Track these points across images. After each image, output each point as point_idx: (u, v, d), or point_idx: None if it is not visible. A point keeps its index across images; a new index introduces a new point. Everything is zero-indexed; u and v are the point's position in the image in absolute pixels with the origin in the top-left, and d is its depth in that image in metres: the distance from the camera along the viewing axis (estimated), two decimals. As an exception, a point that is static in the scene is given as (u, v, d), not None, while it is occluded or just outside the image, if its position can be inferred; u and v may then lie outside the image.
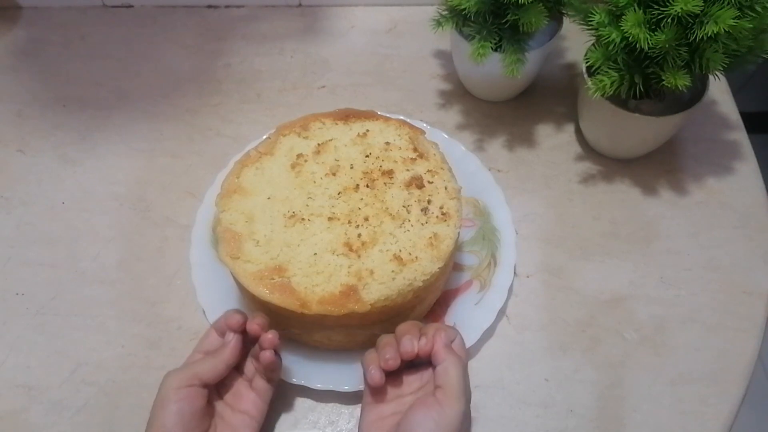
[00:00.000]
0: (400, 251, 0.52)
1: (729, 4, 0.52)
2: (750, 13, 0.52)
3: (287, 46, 0.81)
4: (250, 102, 0.76)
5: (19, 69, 0.80)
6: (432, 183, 0.56)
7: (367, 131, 0.59)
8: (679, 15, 0.52)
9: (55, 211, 0.68)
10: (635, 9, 0.55)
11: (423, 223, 0.53)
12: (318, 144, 0.58)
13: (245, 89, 0.77)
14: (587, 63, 0.61)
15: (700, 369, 0.58)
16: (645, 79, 0.58)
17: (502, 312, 0.60)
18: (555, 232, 0.66)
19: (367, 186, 0.55)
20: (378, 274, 0.51)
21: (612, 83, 0.58)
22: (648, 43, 0.54)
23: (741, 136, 0.72)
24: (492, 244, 0.62)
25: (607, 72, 0.58)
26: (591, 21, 0.58)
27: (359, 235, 0.53)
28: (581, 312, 0.61)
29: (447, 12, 0.65)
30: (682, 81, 0.55)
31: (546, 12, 0.60)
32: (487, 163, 0.68)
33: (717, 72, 0.56)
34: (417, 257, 0.52)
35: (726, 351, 0.58)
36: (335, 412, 0.56)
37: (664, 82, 0.56)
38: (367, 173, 0.56)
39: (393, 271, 0.51)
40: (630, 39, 0.54)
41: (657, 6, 0.53)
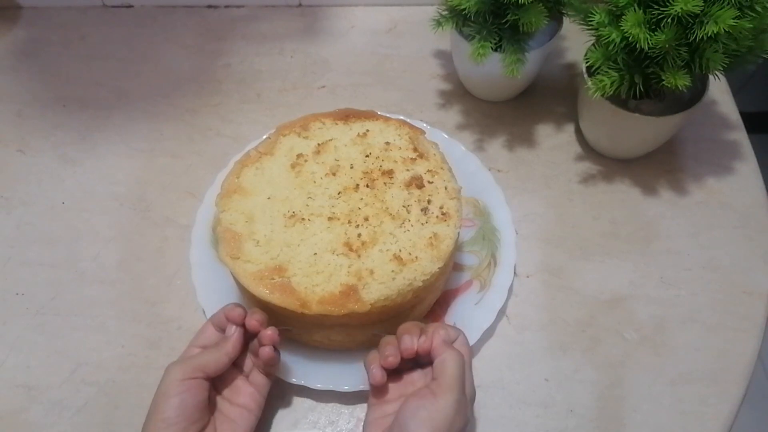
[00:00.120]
0: (400, 251, 0.52)
1: (729, 4, 0.52)
2: (750, 13, 0.52)
3: (287, 46, 0.81)
4: (250, 102, 0.76)
5: (19, 69, 0.80)
6: (432, 183, 0.56)
7: (367, 131, 0.59)
8: (679, 15, 0.52)
9: (55, 211, 0.68)
10: (635, 9, 0.55)
11: (423, 223, 0.53)
12: (318, 144, 0.58)
13: (245, 89, 0.77)
14: (587, 63, 0.61)
15: (700, 369, 0.58)
16: (645, 79, 0.58)
17: (502, 312, 0.60)
18: (555, 232, 0.66)
19: (367, 186, 0.55)
20: (378, 274, 0.51)
21: (612, 83, 0.58)
22: (648, 43, 0.54)
23: (741, 136, 0.72)
24: (492, 244, 0.62)
25: (607, 72, 0.58)
26: (591, 21, 0.58)
27: (359, 235, 0.53)
28: (581, 312, 0.61)
29: (447, 12, 0.65)
30: (682, 81, 0.55)
31: (546, 12, 0.60)
32: (487, 163, 0.68)
33: (717, 72, 0.56)
34: (417, 257, 0.52)
35: (726, 351, 0.58)
36: (335, 412, 0.56)
37: (664, 82, 0.56)
38: (367, 173, 0.56)
39: (393, 271, 0.51)
40: (630, 39, 0.54)
41: (657, 6, 0.53)
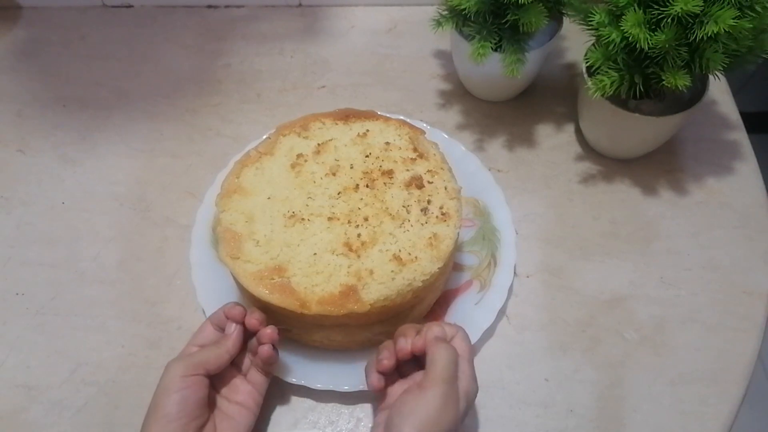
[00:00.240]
0: (399, 251, 0.52)
1: (729, 4, 0.52)
2: (750, 13, 0.52)
3: (287, 46, 0.81)
4: (250, 102, 0.76)
5: (19, 69, 0.80)
6: (432, 183, 0.56)
7: (367, 131, 0.59)
8: (679, 15, 0.52)
9: (55, 211, 0.68)
10: (635, 9, 0.55)
11: (423, 223, 0.53)
12: (318, 144, 0.58)
13: (245, 89, 0.77)
14: (587, 63, 0.61)
15: (700, 369, 0.58)
16: (645, 79, 0.58)
17: (502, 312, 0.60)
18: (555, 232, 0.66)
19: (367, 186, 0.55)
20: (377, 274, 0.51)
21: (612, 83, 0.58)
22: (648, 43, 0.54)
23: (741, 136, 0.72)
24: (492, 244, 0.62)
25: (607, 72, 0.58)
26: (591, 21, 0.58)
27: (359, 235, 0.53)
28: (581, 312, 0.61)
29: (447, 12, 0.65)
30: (682, 81, 0.55)
31: (546, 12, 0.60)
32: (487, 163, 0.68)
33: (717, 72, 0.56)
34: (417, 257, 0.51)
35: (726, 351, 0.58)
36: (335, 412, 0.56)
37: (664, 82, 0.56)
38: (367, 173, 0.56)
39: (392, 271, 0.51)
40: (630, 39, 0.54)
41: (657, 6, 0.53)
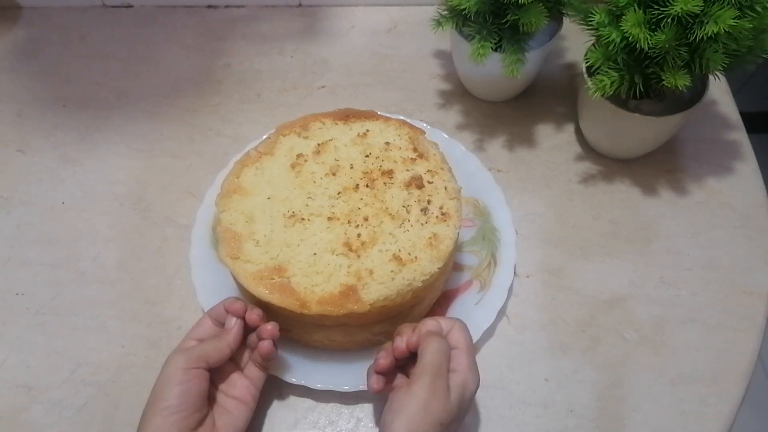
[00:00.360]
0: (399, 251, 0.52)
1: (729, 4, 0.52)
2: (750, 13, 0.52)
3: (287, 46, 0.81)
4: (250, 102, 0.76)
5: (19, 69, 0.80)
6: (432, 183, 0.56)
7: (367, 131, 0.59)
8: (679, 15, 0.52)
9: (55, 211, 0.68)
10: (635, 9, 0.55)
11: (423, 223, 0.53)
12: (318, 144, 0.58)
13: (245, 89, 0.77)
14: (587, 63, 0.61)
15: (700, 369, 0.58)
16: (645, 79, 0.58)
17: (502, 312, 0.60)
18: (555, 232, 0.66)
19: (367, 186, 0.55)
20: (377, 274, 0.51)
21: (612, 83, 0.58)
22: (648, 43, 0.54)
23: (741, 136, 0.72)
24: (492, 244, 0.62)
25: (607, 72, 0.58)
26: (591, 21, 0.58)
27: (359, 235, 0.53)
28: (581, 312, 0.61)
29: (447, 12, 0.65)
30: (682, 81, 0.55)
31: (546, 12, 0.60)
32: (487, 163, 0.68)
33: (717, 72, 0.56)
34: (416, 257, 0.51)
35: (726, 351, 0.58)
36: (335, 412, 0.56)
37: (664, 82, 0.56)
38: (367, 173, 0.56)
39: (392, 271, 0.51)
40: (630, 39, 0.54)
41: (657, 6, 0.53)
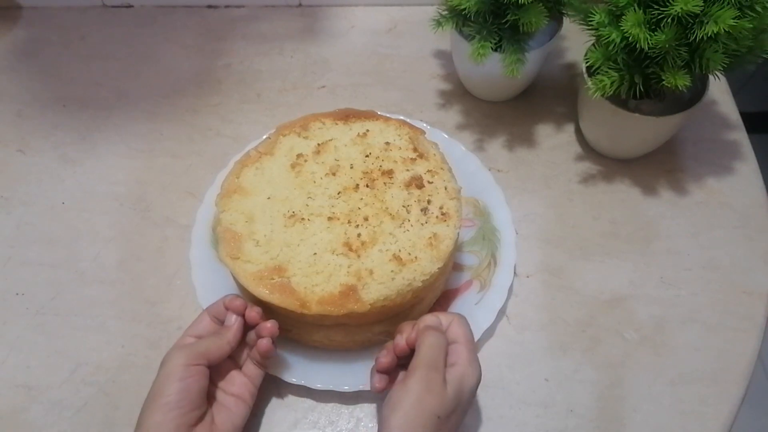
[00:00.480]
0: (399, 251, 0.52)
1: (729, 4, 0.52)
2: (750, 13, 0.52)
3: (287, 46, 0.81)
4: (250, 102, 0.76)
5: (19, 69, 0.80)
6: (432, 183, 0.56)
7: (367, 131, 0.59)
8: (679, 15, 0.52)
9: (55, 211, 0.68)
10: (635, 9, 0.55)
11: (423, 223, 0.53)
12: (318, 144, 0.58)
13: (245, 89, 0.77)
14: (587, 63, 0.61)
15: (700, 369, 0.58)
16: (645, 79, 0.58)
17: (502, 312, 0.60)
18: (555, 232, 0.66)
19: (367, 186, 0.55)
20: (377, 274, 0.51)
21: (612, 83, 0.58)
22: (648, 43, 0.54)
23: (741, 136, 0.72)
24: (492, 244, 0.62)
25: (607, 72, 0.58)
26: (591, 21, 0.58)
27: (359, 235, 0.53)
28: (581, 312, 0.61)
29: (447, 12, 0.65)
30: (682, 81, 0.55)
31: (546, 12, 0.60)
32: (487, 163, 0.68)
33: (717, 72, 0.56)
34: (416, 257, 0.51)
35: (726, 351, 0.58)
36: (335, 412, 0.56)
37: (664, 82, 0.56)
38: (367, 173, 0.56)
39: (392, 271, 0.51)
40: (630, 39, 0.54)
41: (657, 6, 0.53)
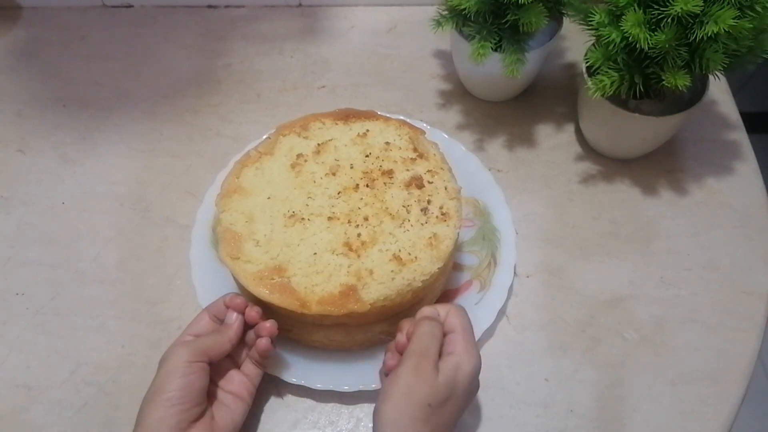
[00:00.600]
0: (399, 251, 0.52)
1: (729, 4, 0.52)
2: (750, 13, 0.52)
3: (287, 46, 0.81)
4: (250, 102, 0.76)
5: (19, 69, 0.80)
6: (432, 183, 0.56)
7: (367, 131, 0.59)
8: (679, 15, 0.52)
9: (55, 211, 0.68)
10: (635, 9, 0.55)
11: (423, 223, 0.53)
12: (318, 144, 0.58)
13: (245, 89, 0.77)
14: (587, 63, 0.61)
15: (700, 369, 0.58)
16: (645, 79, 0.58)
17: (502, 312, 0.60)
18: (555, 232, 0.66)
19: (367, 186, 0.55)
20: (377, 274, 0.51)
21: (612, 83, 0.58)
22: (648, 43, 0.54)
23: (741, 136, 0.72)
24: (492, 244, 0.62)
25: (607, 72, 0.58)
26: (591, 21, 0.58)
27: (359, 235, 0.53)
28: (581, 312, 0.61)
29: (447, 12, 0.65)
30: (682, 81, 0.55)
31: (546, 12, 0.60)
32: (487, 163, 0.68)
33: (717, 72, 0.56)
34: (416, 257, 0.52)
35: (726, 351, 0.58)
36: (335, 412, 0.56)
37: (664, 82, 0.56)
38: (367, 173, 0.56)
39: (392, 271, 0.51)
40: (630, 39, 0.54)
41: (657, 6, 0.53)
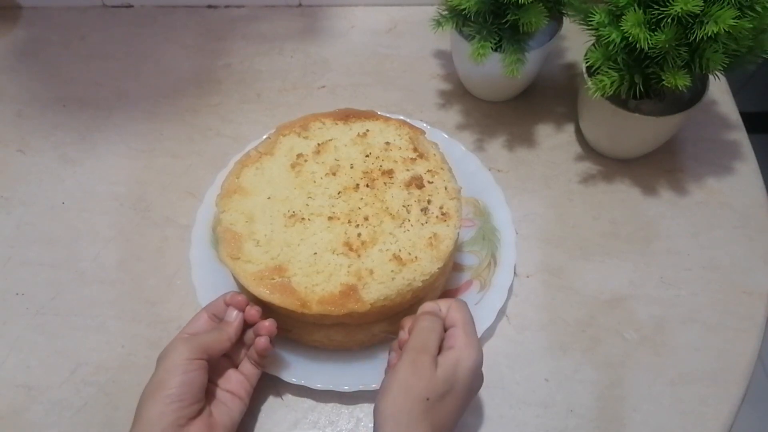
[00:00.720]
0: (399, 251, 0.52)
1: (729, 4, 0.52)
2: (750, 13, 0.52)
3: (287, 46, 0.81)
4: (250, 102, 0.76)
5: (19, 69, 0.80)
6: (432, 183, 0.56)
7: (367, 131, 0.59)
8: (679, 15, 0.52)
9: (55, 211, 0.68)
10: (635, 9, 0.55)
11: (423, 223, 0.53)
12: (318, 144, 0.58)
13: (245, 89, 0.77)
14: (587, 63, 0.61)
15: (700, 369, 0.58)
16: (645, 79, 0.58)
17: (502, 312, 0.60)
18: (555, 232, 0.66)
19: (367, 186, 0.55)
20: (377, 273, 0.51)
21: (612, 83, 0.58)
22: (648, 43, 0.54)
23: (741, 136, 0.72)
24: (492, 244, 0.62)
25: (607, 72, 0.58)
26: (591, 21, 0.58)
27: (359, 235, 0.53)
28: (581, 312, 0.61)
29: (447, 12, 0.65)
30: (682, 81, 0.55)
31: (546, 12, 0.60)
32: (487, 163, 0.68)
33: (717, 72, 0.56)
34: (416, 257, 0.52)
35: (726, 351, 0.58)
36: (335, 412, 0.56)
37: (664, 82, 0.56)
38: (367, 173, 0.56)
39: (392, 271, 0.51)
40: (630, 39, 0.54)
41: (657, 6, 0.53)
